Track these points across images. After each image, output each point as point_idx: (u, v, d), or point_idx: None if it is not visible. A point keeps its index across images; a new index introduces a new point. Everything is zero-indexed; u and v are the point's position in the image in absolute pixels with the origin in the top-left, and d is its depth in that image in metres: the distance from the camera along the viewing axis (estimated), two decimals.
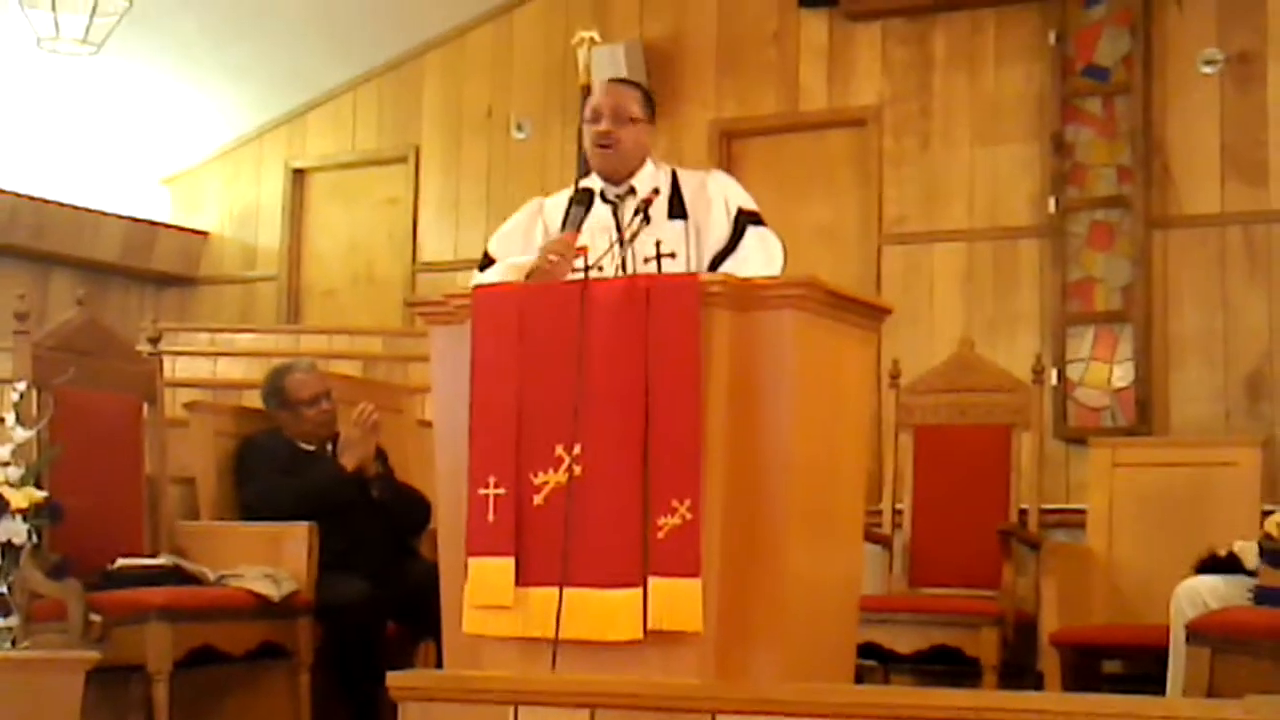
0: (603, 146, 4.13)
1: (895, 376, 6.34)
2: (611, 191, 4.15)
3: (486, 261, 4.20)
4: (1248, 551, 4.66)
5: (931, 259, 7.37)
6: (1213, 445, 6.13)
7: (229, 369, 7.85)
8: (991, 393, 6.19)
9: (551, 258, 3.88)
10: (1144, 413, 6.79)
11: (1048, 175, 7.12)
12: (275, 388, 5.60)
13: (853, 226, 7.55)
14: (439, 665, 3.85)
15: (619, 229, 4.05)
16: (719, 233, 4.05)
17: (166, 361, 5.94)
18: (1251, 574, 4.58)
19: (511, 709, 3.08)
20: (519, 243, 4.19)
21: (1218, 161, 6.88)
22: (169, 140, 9.04)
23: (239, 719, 5.35)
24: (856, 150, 7.62)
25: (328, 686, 5.30)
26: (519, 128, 8.46)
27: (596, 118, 4.14)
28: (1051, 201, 7.06)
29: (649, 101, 4.23)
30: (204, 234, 9.20)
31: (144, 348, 5.58)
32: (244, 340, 8.37)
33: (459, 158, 8.66)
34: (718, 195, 4.11)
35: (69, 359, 5.12)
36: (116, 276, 8.92)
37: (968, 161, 7.35)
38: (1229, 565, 4.72)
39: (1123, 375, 6.86)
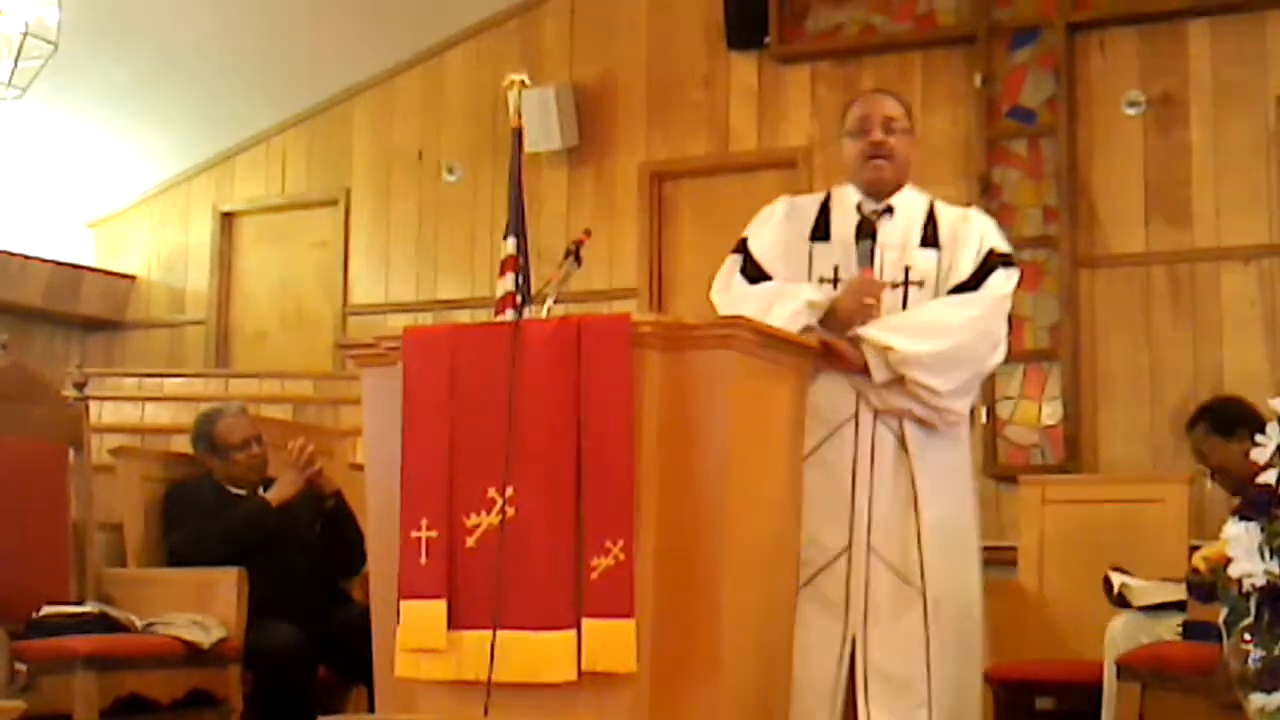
0: (877, 158, 4.07)
1: None
2: (868, 206, 4.10)
3: (746, 258, 4.16)
4: (1138, 592, 4.72)
5: None
6: (1141, 482, 6.19)
7: (157, 414, 7.77)
8: None
9: (868, 300, 3.88)
10: (1073, 450, 6.85)
11: None
12: (204, 432, 5.56)
13: None
14: (371, 710, 3.81)
15: (871, 253, 4.01)
16: (962, 266, 4.02)
17: (94, 407, 5.88)
18: (1144, 609, 4.65)
19: None
20: (784, 247, 4.15)
21: (1142, 202, 6.98)
22: (95, 184, 8.97)
23: None
24: (788, 191, 7.55)
25: None
26: (449, 170, 8.45)
27: (866, 128, 4.08)
28: None
29: (910, 114, 4.15)
30: (131, 278, 9.13)
31: (70, 392, 5.52)
32: (172, 385, 8.29)
33: (389, 201, 8.65)
34: (974, 232, 4.08)
35: None
36: (41, 321, 8.83)
37: None
38: (1121, 601, 4.80)
39: (1052, 413, 6.92)
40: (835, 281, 4.04)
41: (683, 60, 7.96)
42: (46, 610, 4.94)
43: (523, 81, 7.99)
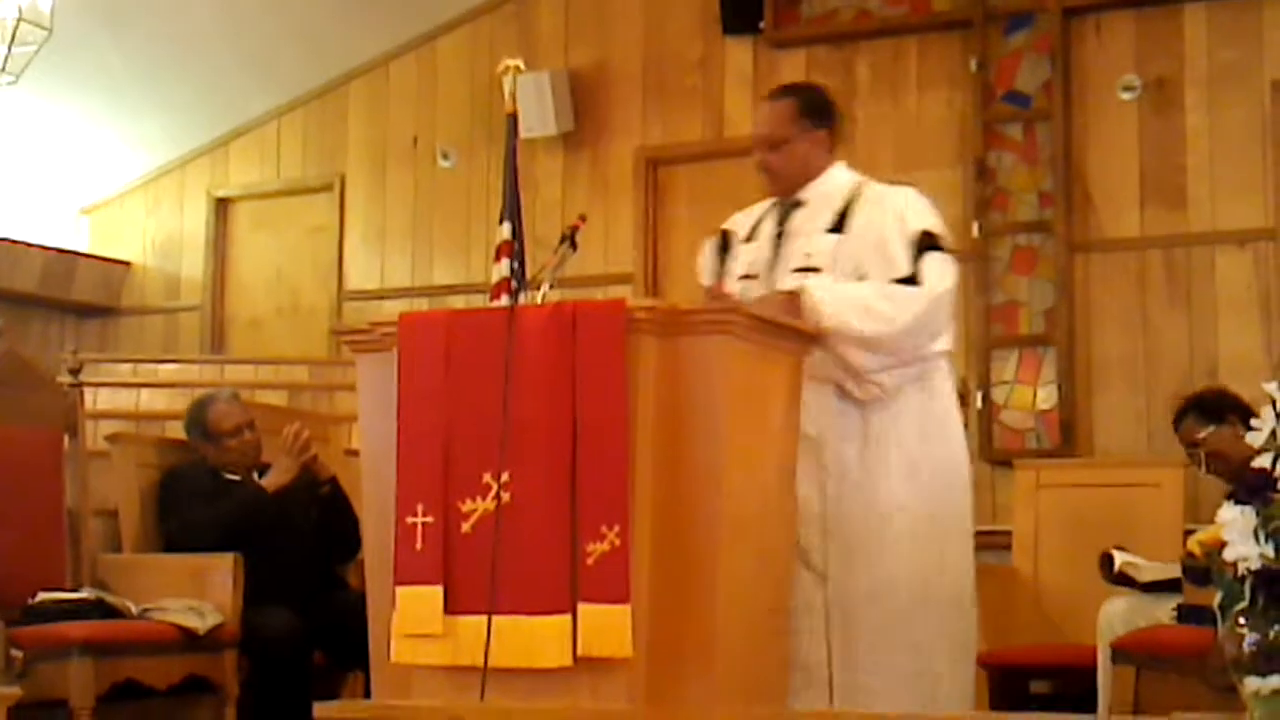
0: (762, 174, 4.22)
1: None
2: (783, 203, 4.22)
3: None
4: (1143, 569, 4.72)
5: None
6: (1136, 466, 6.20)
7: (152, 400, 7.77)
8: None
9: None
10: (1068, 434, 6.85)
11: (970, 200, 7.18)
12: (197, 419, 5.56)
13: None
14: (367, 695, 3.82)
15: (776, 239, 4.13)
16: (896, 254, 4.03)
17: (88, 393, 5.88)
18: (1148, 586, 4.65)
19: None
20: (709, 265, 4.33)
21: (1137, 186, 6.97)
22: (89, 170, 8.95)
23: None
24: None
25: (255, 719, 5.25)
26: (444, 156, 8.44)
27: (756, 144, 4.20)
28: (975, 226, 7.12)
29: (809, 107, 4.19)
30: (126, 264, 9.11)
31: (64, 379, 5.52)
32: (167, 371, 8.28)
33: (384, 186, 8.64)
34: (892, 214, 4.10)
35: None
36: (36, 307, 8.81)
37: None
38: (1121, 579, 4.80)
39: (1047, 398, 6.93)
40: (754, 277, 4.17)
41: (678, 45, 7.95)
42: (42, 597, 4.94)
43: (518, 67, 7.98)
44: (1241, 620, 3.28)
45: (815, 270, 4.05)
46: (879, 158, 7.43)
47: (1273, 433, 3.30)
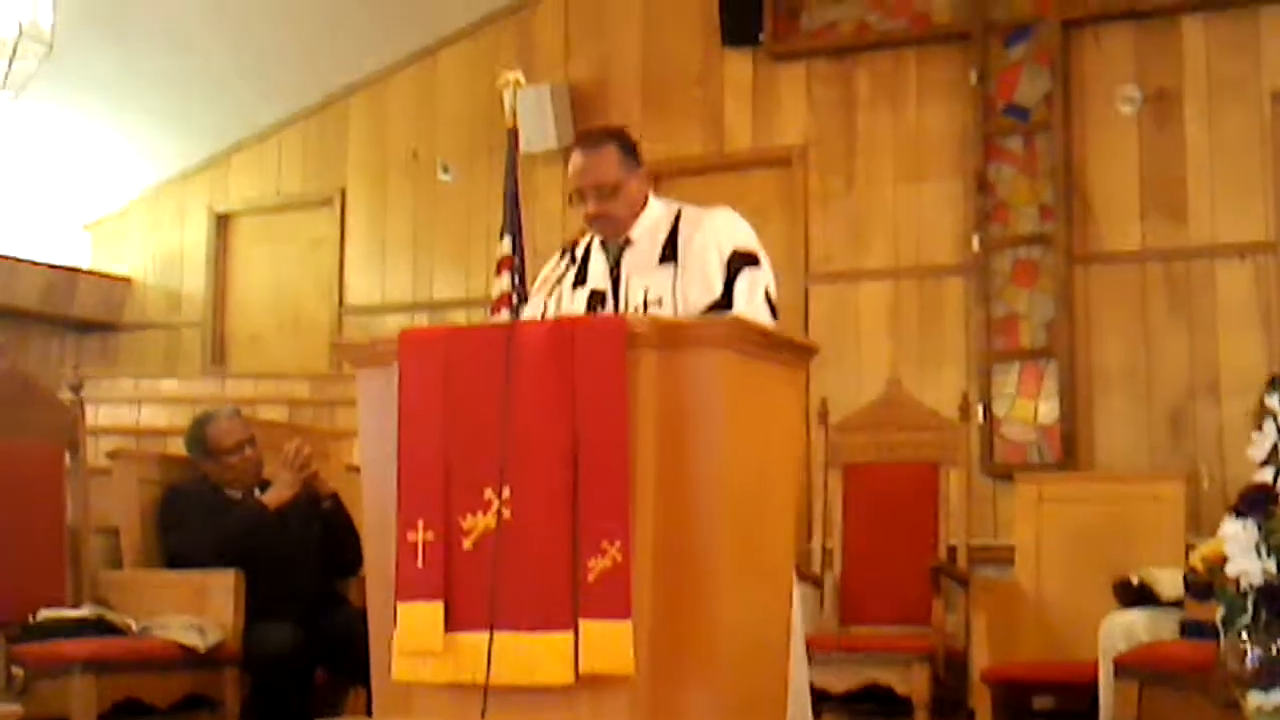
0: (597, 221, 4.12)
1: (824, 415, 6.36)
2: (611, 245, 4.17)
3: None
4: (1161, 581, 4.70)
5: (858, 297, 7.41)
6: (1137, 480, 6.20)
7: (153, 416, 7.77)
8: (919, 430, 6.23)
9: None
10: (1069, 447, 6.84)
11: (971, 213, 7.18)
12: (198, 437, 5.56)
13: (779, 265, 7.45)
14: (369, 712, 3.81)
15: (614, 280, 4.08)
16: (714, 279, 4.01)
17: (89, 409, 5.87)
18: (1171, 604, 4.62)
19: None
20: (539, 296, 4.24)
21: (1137, 198, 6.97)
22: (90, 186, 8.96)
23: None
24: (783, 189, 7.66)
25: None
26: (444, 170, 8.44)
27: (581, 198, 4.11)
28: (975, 239, 7.12)
29: (627, 149, 4.15)
30: (126, 280, 9.11)
31: (66, 395, 5.52)
32: (168, 387, 8.29)
33: (385, 200, 8.64)
34: (711, 237, 4.07)
35: None
36: (37, 323, 8.81)
37: (892, 200, 7.41)
38: (1142, 594, 4.77)
39: (1048, 410, 6.92)
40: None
41: (677, 58, 7.95)
42: (44, 614, 4.93)
43: (518, 80, 8.00)
44: (1244, 635, 3.28)
45: (658, 303, 4.03)
46: (878, 170, 7.45)
47: (1274, 447, 3.30)
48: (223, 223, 9.04)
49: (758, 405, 3.71)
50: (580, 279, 4.19)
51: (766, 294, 4.04)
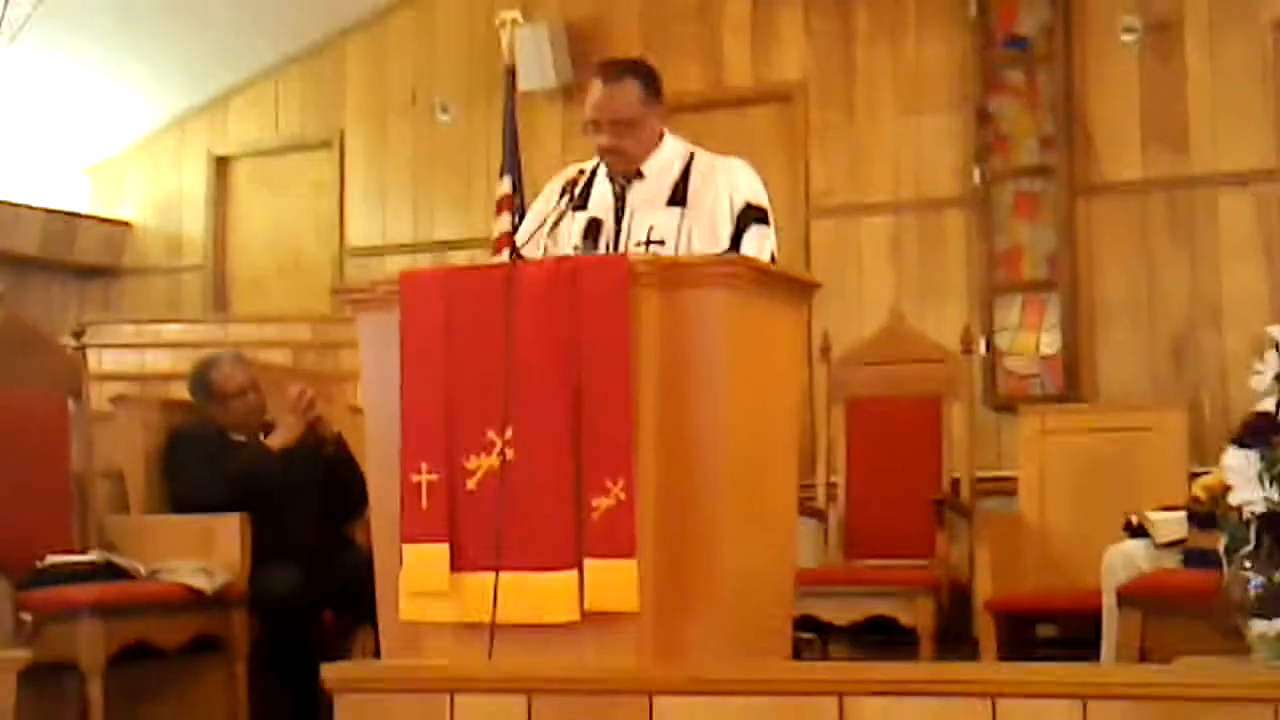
0: (610, 155, 4.08)
1: (826, 350, 6.36)
2: (619, 177, 4.13)
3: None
4: (1158, 525, 4.71)
5: (859, 231, 7.40)
6: (1140, 410, 6.21)
7: (156, 361, 7.76)
8: (922, 364, 6.24)
9: None
10: (1072, 379, 6.85)
11: (972, 145, 7.16)
12: (201, 382, 5.57)
13: (780, 200, 7.45)
14: (377, 652, 3.83)
15: (618, 212, 4.04)
16: (721, 229, 3.99)
17: (92, 355, 5.88)
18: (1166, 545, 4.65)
19: (448, 698, 3.07)
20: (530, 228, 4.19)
21: (1138, 129, 6.94)
22: (88, 130, 8.92)
23: (176, 714, 5.31)
24: (782, 124, 7.63)
25: (265, 678, 5.28)
26: (443, 110, 8.40)
27: (597, 128, 4.07)
28: (976, 171, 7.10)
29: (649, 84, 4.10)
30: (127, 224, 9.10)
31: (68, 342, 5.52)
32: (171, 331, 8.27)
33: (384, 142, 8.61)
34: (724, 186, 4.05)
35: None
36: (38, 269, 8.80)
37: (892, 134, 7.38)
38: (1140, 534, 4.79)
39: (1050, 342, 6.91)
40: (595, 241, 4.07)
41: None
42: (50, 560, 4.96)
43: (515, 19, 7.96)
44: (1247, 564, 3.29)
45: (660, 243, 4.00)
46: (878, 104, 7.42)
47: (1276, 376, 3.30)
48: (222, 166, 9.01)
49: (759, 342, 3.72)
50: (581, 205, 4.14)
51: (772, 257, 4.03)
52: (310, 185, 8.81)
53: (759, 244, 4.00)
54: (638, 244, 4.02)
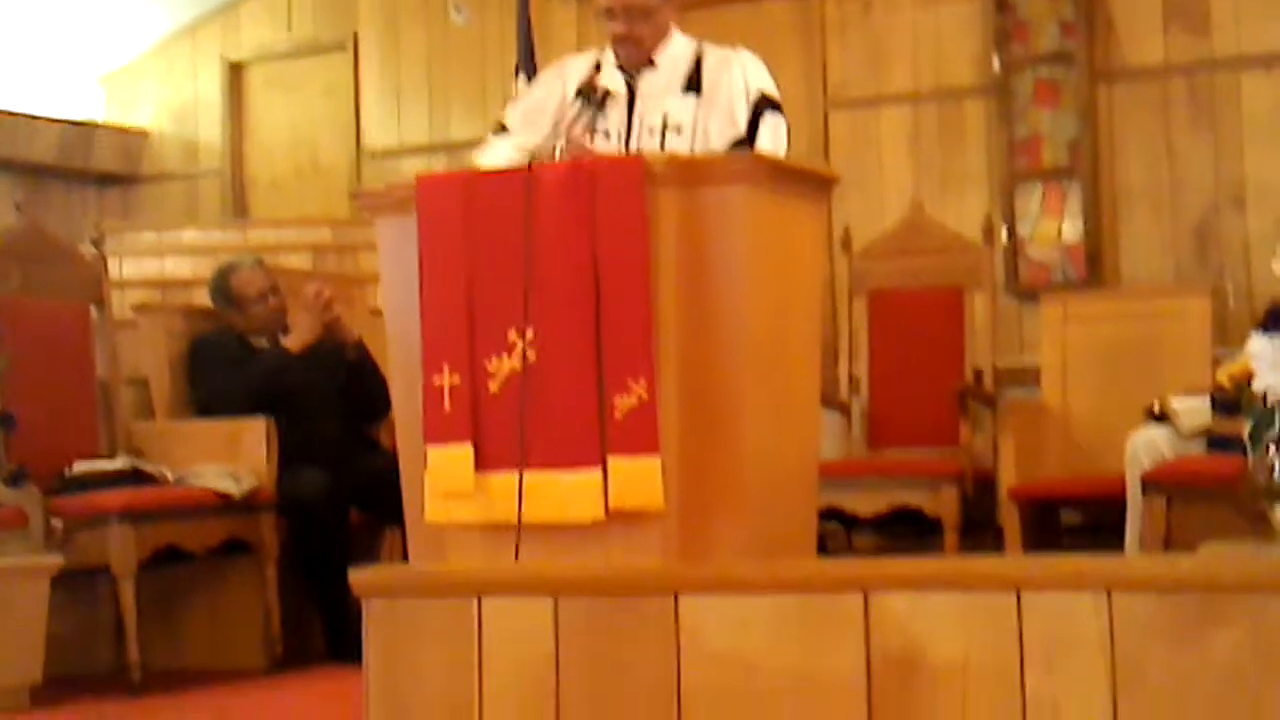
0: (624, 44, 4.05)
1: (847, 243, 6.34)
2: (630, 64, 4.09)
3: (500, 127, 4.19)
4: (1183, 414, 4.71)
5: (879, 123, 7.34)
6: (1163, 296, 6.19)
7: (177, 267, 7.78)
8: (942, 254, 6.22)
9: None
10: (1094, 266, 6.82)
11: (991, 33, 7.08)
12: (221, 287, 5.59)
13: (798, 94, 7.47)
14: (404, 552, 3.86)
15: (631, 104, 4.02)
16: (740, 115, 3.97)
17: (113, 262, 5.89)
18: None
19: (475, 601, 3.09)
20: (528, 116, 4.16)
21: (1160, 12, 6.85)
22: (101, 38, 8.88)
23: (207, 615, 5.38)
24: (798, 17, 7.54)
25: (294, 579, 5.33)
26: (457, 10, 8.34)
27: (611, 15, 4.03)
28: (995, 59, 7.03)
29: None
30: (143, 131, 9.07)
31: (88, 250, 5.53)
32: (190, 237, 8.28)
33: (398, 43, 8.55)
34: (738, 75, 4.03)
35: (11, 267, 5.08)
36: (56, 178, 8.79)
37: (910, 23, 7.29)
38: (1162, 420, 4.79)
39: (1072, 230, 6.87)
40: (604, 134, 4.03)
41: None
42: (79, 466, 5.00)
43: None
44: (1271, 449, 3.30)
45: (676, 131, 3.97)
46: None
47: None
48: (236, 71, 8.97)
49: (779, 238, 3.70)
50: (584, 92, 4.08)
51: (788, 142, 4.01)
52: (325, 88, 8.76)
53: (774, 132, 3.97)
54: (651, 130, 4.01)
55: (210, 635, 5.35)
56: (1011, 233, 6.92)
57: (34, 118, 8.54)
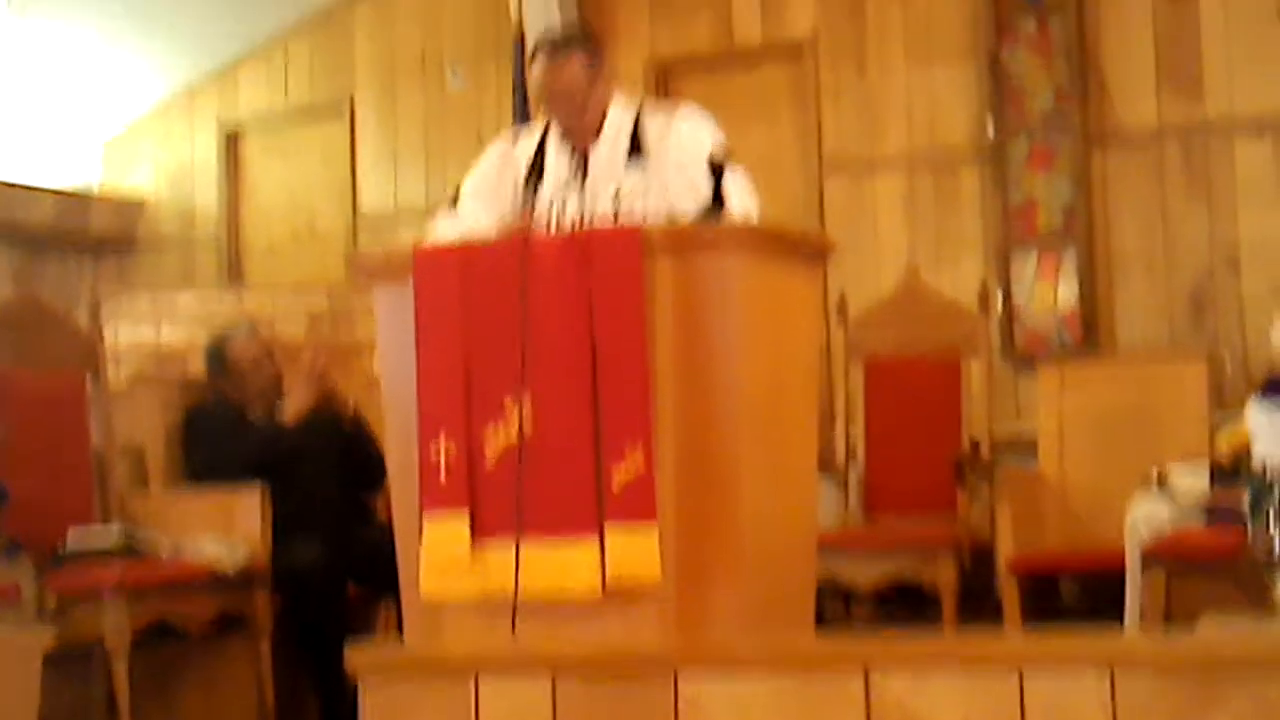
0: (570, 131, 4.06)
1: (843, 309, 6.34)
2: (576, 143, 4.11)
3: (454, 200, 4.24)
4: (1181, 486, 4.69)
5: (874, 186, 7.35)
6: (1159, 361, 6.17)
7: (172, 333, 7.76)
8: (938, 321, 6.21)
9: None
10: (1090, 332, 6.81)
11: (985, 97, 7.10)
12: (217, 356, 5.58)
13: (794, 157, 7.51)
14: (399, 625, 3.84)
15: (581, 178, 4.03)
16: (697, 179, 3.87)
17: (108, 329, 5.87)
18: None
19: (472, 681, 3.07)
20: (490, 192, 4.20)
21: (1153, 76, 6.87)
22: (98, 104, 8.89)
23: (202, 692, 5.34)
24: (794, 80, 7.57)
25: (290, 653, 5.29)
26: (453, 73, 8.37)
27: (553, 104, 4.04)
28: (990, 123, 7.05)
29: (592, 52, 4.08)
30: (140, 199, 9.08)
31: (84, 320, 5.52)
32: (185, 301, 8.26)
33: (394, 107, 8.57)
34: (686, 137, 4.02)
35: (7, 337, 5.07)
36: (52, 247, 8.78)
37: (904, 87, 7.32)
38: (1161, 487, 4.78)
39: (1067, 295, 6.87)
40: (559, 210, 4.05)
41: None
42: (73, 536, 4.97)
43: None
44: (1270, 520, 3.28)
45: (629, 200, 3.98)
46: (889, 55, 7.36)
47: None
48: (232, 135, 8.98)
49: (775, 305, 3.71)
50: (538, 174, 4.10)
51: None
52: (321, 152, 8.77)
53: (741, 190, 3.90)
54: (604, 203, 4.00)
55: (204, 711, 5.31)
56: (1007, 299, 6.92)
57: (30, 188, 8.54)
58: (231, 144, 8.96)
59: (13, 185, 8.41)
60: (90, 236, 8.88)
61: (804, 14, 7.55)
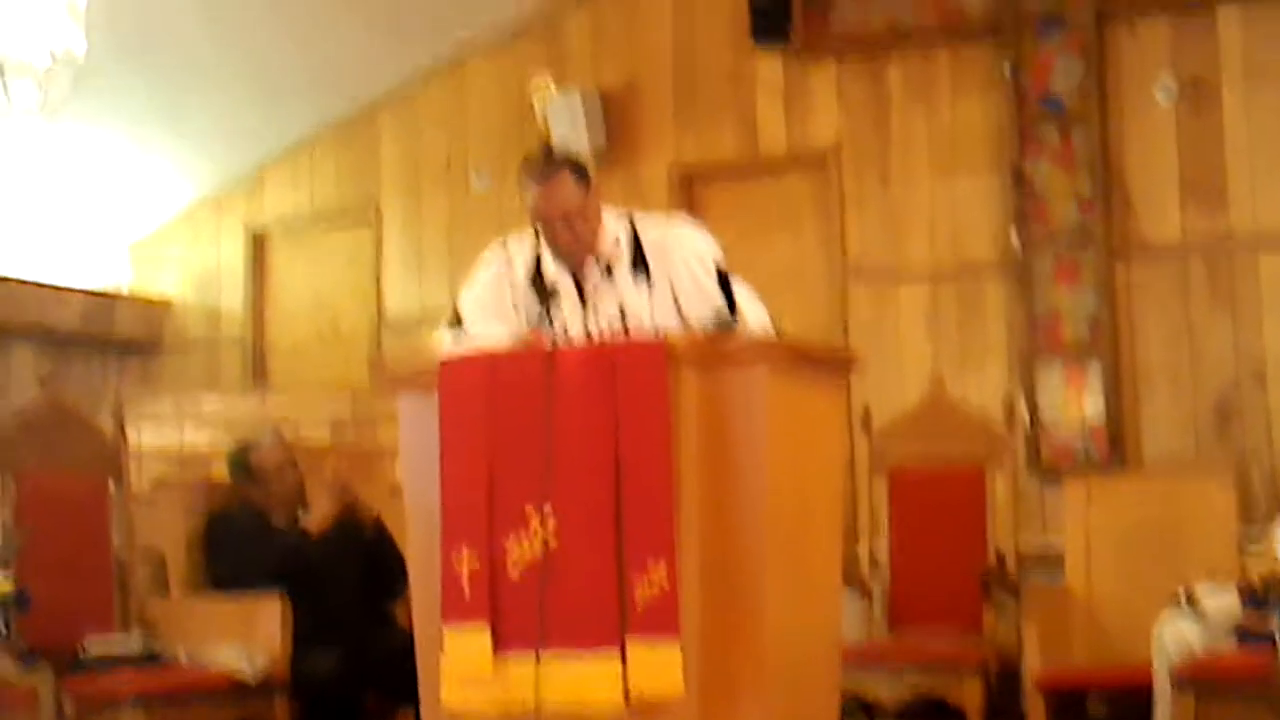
0: (569, 250, 4.04)
1: (867, 421, 6.32)
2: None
3: (455, 318, 4.15)
4: (1211, 611, 4.65)
5: (897, 297, 7.36)
6: (1186, 477, 6.13)
7: (196, 436, 7.77)
8: (963, 433, 6.19)
9: None
10: (1116, 445, 6.78)
11: (1009, 209, 7.12)
12: (241, 462, 5.59)
13: (817, 267, 7.54)
14: None
15: (581, 294, 4.02)
16: (708, 289, 3.92)
17: (132, 431, 5.87)
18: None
19: None
20: (490, 306, 4.15)
21: (1176, 189, 6.90)
22: (126, 207, 8.97)
23: None
24: (818, 189, 7.61)
25: None
26: (478, 175, 8.43)
27: (547, 225, 4.01)
28: (1014, 235, 7.06)
29: (580, 171, 4.05)
30: (166, 299, 9.13)
31: (107, 423, 5.52)
32: (210, 403, 8.29)
33: (419, 211, 8.63)
34: (690, 250, 4.02)
35: (32, 440, 5.08)
36: (79, 347, 8.82)
37: (928, 198, 7.35)
38: (1190, 606, 4.73)
39: (1093, 408, 6.85)
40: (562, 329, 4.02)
41: (707, 59, 7.90)
42: (92, 644, 4.95)
43: (548, 85, 7.99)
44: None
45: (636, 318, 3.96)
46: (914, 169, 7.40)
47: None
48: (259, 239, 9.05)
49: (799, 418, 3.70)
50: (544, 288, 4.07)
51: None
52: (347, 255, 8.83)
53: (751, 301, 3.93)
54: (610, 320, 3.98)
55: None
56: (1033, 412, 6.89)
57: (59, 288, 8.60)
58: (258, 246, 9.03)
59: (41, 285, 8.46)
60: (116, 338, 8.92)
61: (828, 124, 7.60)
